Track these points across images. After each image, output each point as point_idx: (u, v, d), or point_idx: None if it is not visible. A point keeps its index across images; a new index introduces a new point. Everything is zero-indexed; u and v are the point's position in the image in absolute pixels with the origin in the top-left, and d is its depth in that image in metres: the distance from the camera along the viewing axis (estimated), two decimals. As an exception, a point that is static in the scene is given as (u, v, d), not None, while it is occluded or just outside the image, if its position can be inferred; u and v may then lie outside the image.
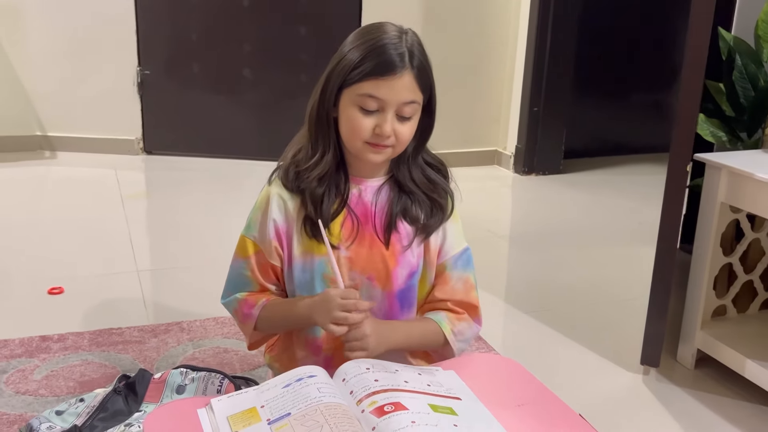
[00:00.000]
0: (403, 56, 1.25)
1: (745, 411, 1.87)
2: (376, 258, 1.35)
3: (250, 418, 1.14)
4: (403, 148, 1.32)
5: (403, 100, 1.26)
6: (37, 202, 3.36)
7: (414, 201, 1.36)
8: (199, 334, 2.13)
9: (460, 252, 1.43)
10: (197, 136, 4.03)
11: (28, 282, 2.46)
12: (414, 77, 1.27)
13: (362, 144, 1.29)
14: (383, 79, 1.24)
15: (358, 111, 1.27)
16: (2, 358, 1.97)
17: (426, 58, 1.31)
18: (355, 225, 1.34)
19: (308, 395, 1.14)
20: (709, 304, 2.05)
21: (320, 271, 1.35)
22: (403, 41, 1.27)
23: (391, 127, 1.27)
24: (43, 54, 3.89)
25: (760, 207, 1.81)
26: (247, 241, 1.38)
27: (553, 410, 1.26)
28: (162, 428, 1.17)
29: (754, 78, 2.26)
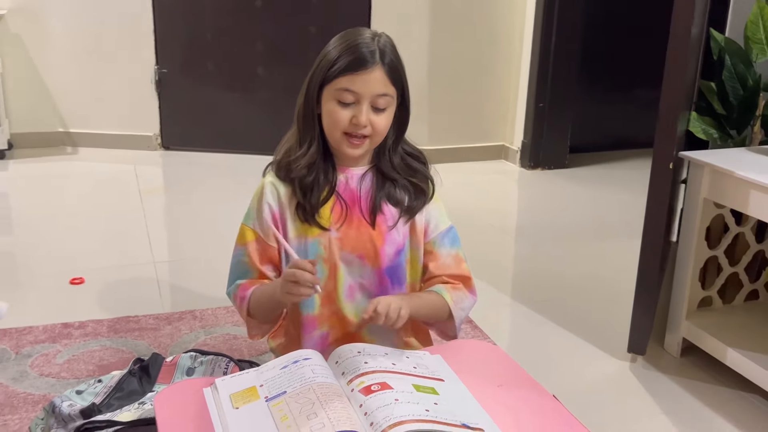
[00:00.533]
0: (374, 53, 1.39)
1: (725, 396, 1.96)
2: (364, 238, 1.47)
3: (250, 396, 1.26)
4: (380, 138, 1.45)
5: (376, 93, 1.40)
6: (59, 196, 3.50)
7: (397, 186, 1.49)
8: (211, 321, 2.26)
9: (446, 230, 1.53)
10: (213, 132, 4.16)
11: (50, 273, 2.60)
12: (385, 72, 1.40)
13: (341, 136, 1.42)
14: (357, 73, 1.38)
15: (336, 104, 1.40)
16: (27, 344, 2.11)
17: (397, 57, 1.44)
18: (343, 209, 1.47)
19: (303, 376, 1.26)
20: (695, 295, 2.14)
21: (313, 253, 1.47)
22: (375, 42, 1.41)
23: (367, 117, 1.40)
24: (64, 54, 4.03)
25: (740, 203, 1.90)
26: (245, 229, 1.50)
27: (528, 391, 1.37)
28: (171, 404, 1.29)
29: (743, 77, 2.34)
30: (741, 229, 2.16)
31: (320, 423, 1.14)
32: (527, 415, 1.28)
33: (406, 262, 1.52)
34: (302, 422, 1.14)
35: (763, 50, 2.31)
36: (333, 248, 1.47)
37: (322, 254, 1.47)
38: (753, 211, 1.86)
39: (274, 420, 1.17)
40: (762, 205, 1.83)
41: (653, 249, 2.01)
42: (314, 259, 1.44)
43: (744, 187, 1.87)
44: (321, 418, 1.15)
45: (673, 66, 1.87)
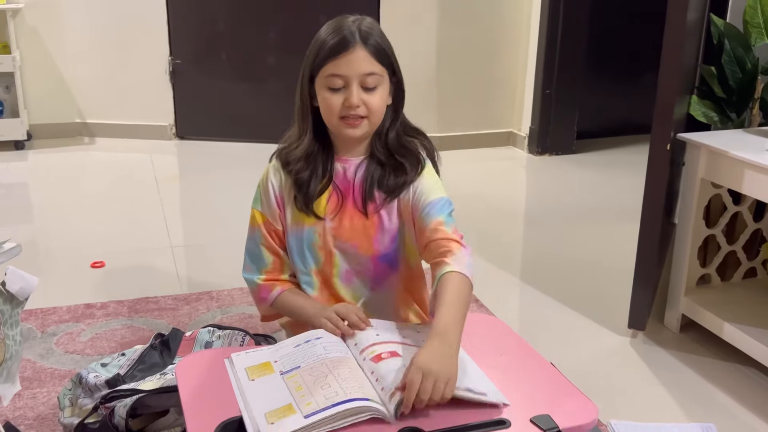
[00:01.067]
0: (353, 34, 1.42)
1: (722, 369, 2.03)
2: (357, 227, 1.53)
3: (265, 370, 1.35)
4: (377, 117, 1.48)
5: (363, 72, 1.43)
6: (79, 184, 3.60)
7: (385, 171, 1.51)
8: (227, 301, 2.35)
9: (434, 200, 1.48)
10: (226, 121, 4.25)
11: (72, 257, 2.70)
12: (368, 51, 1.43)
13: (338, 121, 1.47)
14: (339, 57, 1.42)
15: (327, 91, 1.45)
16: (52, 323, 2.21)
17: (381, 37, 1.46)
18: (339, 199, 1.53)
19: (315, 353, 1.35)
20: (694, 272, 2.21)
21: (309, 240, 1.54)
22: (354, 24, 1.44)
23: (358, 97, 1.43)
24: (80, 46, 4.13)
25: (735, 182, 1.96)
26: (255, 212, 1.58)
27: (528, 359, 1.45)
28: (192, 371, 1.38)
29: (741, 61, 2.39)
30: (739, 209, 2.22)
31: (333, 392, 1.22)
32: (525, 381, 1.36)
33: (402, 247, 1.57)
34: (316, 391, 1.22)
35: (761, 34, 2.36)
36: (327, 237, 1.54)
37: (317, 242, 1.55)
38: (747, 190, 1.93)
39: (289, 390, 1.26)
40: (756, 184, 1.89)
41: (652, 228, 2.08)
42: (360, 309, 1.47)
43: (739, 166, 1.93)
44: (334, 388, 1.23)
45: (669, 50, 1.93)
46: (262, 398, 1.24)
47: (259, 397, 1.25)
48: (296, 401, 1.21)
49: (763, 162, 1.84)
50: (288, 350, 1.38)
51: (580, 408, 1.27)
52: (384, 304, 1.60)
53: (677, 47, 1.93)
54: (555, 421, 1.22)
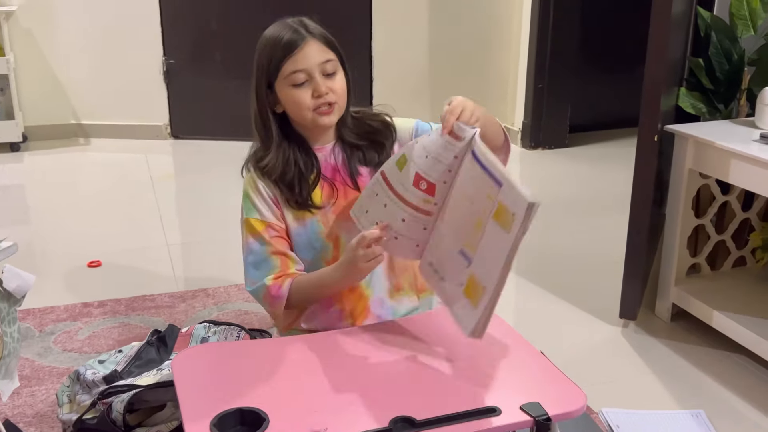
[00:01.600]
0: (298, 30, 1.47)
1: (712, 357, 2.06)
2: (353, 202, 1.53)
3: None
4: (343, 101, 1.52)
5: (320, 61, 1.47)
6: (75, 185, 3.62)
7: (362, 149, 1.57)
8: (223, 298, 2.38)
9: (415, 126, 1.60)
10: (220, 120, 4.26)
11: (69, 257, 2.73)
12: (318, 41, 1.48)
13: (311, 114, 1.49)
14: (294, 53, 1.46)
15: (293, 89, 1.48)
16: (50, 322, 2.23)
17: (319, 24, 1.51)
18: (330, 185, 1.55)
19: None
20: (683, 262, 2.23)
21: (314, 232, 1.55)
22: (291, 22, 1.49)
23: (324, 85, 1.47)
24: (75, 47, 4.14)
25: (721, 172, 1.99)
26: (252, 221, 1.54)
27: (518, 348, 1.47)
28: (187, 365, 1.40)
29: (728, 53, 2.42)
30: (727, 198, 2.25)
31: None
32: (515, 370, 1.38)
33: None
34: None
35: (747, 26, 2.39)
36: (331, 223, 1.55)
37: (322, 230, 1.55)
38: (734, 179, 1.95)
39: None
40: (743, 174, 1.92)
41: (641, 219, 2.11)
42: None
43: (725, 156, 1.96)
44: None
45: (655, 43, 1.96)
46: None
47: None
48: None
49: (750, 152, 1.87)
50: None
51: (569, 395, 1.30)
52: (379, 272, 1.58)
53: (663, 40, 1.95)
54: (544, 408, 1.24)
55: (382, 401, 1.27)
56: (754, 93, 2.30)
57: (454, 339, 1.48)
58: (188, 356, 1.46)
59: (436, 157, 1.35)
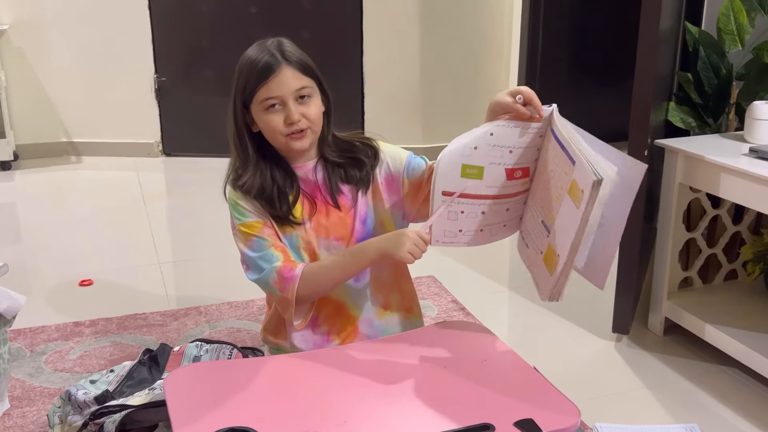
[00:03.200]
0: (275, 56, 1.48)
1: (705, 370, 2.06)
2: (335, 221, 1.57)
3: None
4: (317, 126, 1.54)
5: (294, 88, 1.48)
6: (66, 203, 3.62)
7: (345, 167, 1.58)
8: (215, 316, 2.37)
9: (409, 156, 1.62)
10: (212, 137, 4.25)
11: (60, 276, 2.71)
12: (293, 67, 1.49)
13: (284, 138, 1.51)
14: (269, 80, 1.47)
15: (267, 114, 1.50)
16: (41, 342, 2.22)
17: (301, 54, 1.53)
18: (310, 201, 1.57)
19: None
20: (675, 276, 2.24)
21: (294, 244, 1.56)
22: (270, 45, 1.50)
23: (297, 112, 1.49)
24: (66, 66, 4.15)
25: (712, 186, 2.00)
26: (246, 224, 1.54)
27: (511, 364, 1.47)
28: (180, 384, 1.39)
29: (716, 67, 2.44)
30: (718, 212, 2.26)
31: None
32: (508, 386, 1.38)
33: (375, 226, 1.60)
34: None
35: (734, 41, 2.41)
36: (310, 238, 1.56)
37: (300, 244, 1.56)
38: (724, 193, 1.96)
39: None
40: (733, 188, 1.93)
41: (632, 233, 2.11)
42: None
43: (715, 170, 1.97)
44: None
45: (643, 58, 1.97)
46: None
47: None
48: None
49: (740, 166, 1.88)
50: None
51: (563, 411, 1.30)
52: (365, 292, 1.60)
53: (651, 55, 1.97)
54: (538, 425, 1.24)
55: (375, 419, 1.26)
56: (743, 107, 2.32)
57: (448, 355, 1.48)
58: (180, 376, 1.45)
59: (522, 147, 1.42)
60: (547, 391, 1.37)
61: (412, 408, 1.29)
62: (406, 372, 1.41)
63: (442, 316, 2.35)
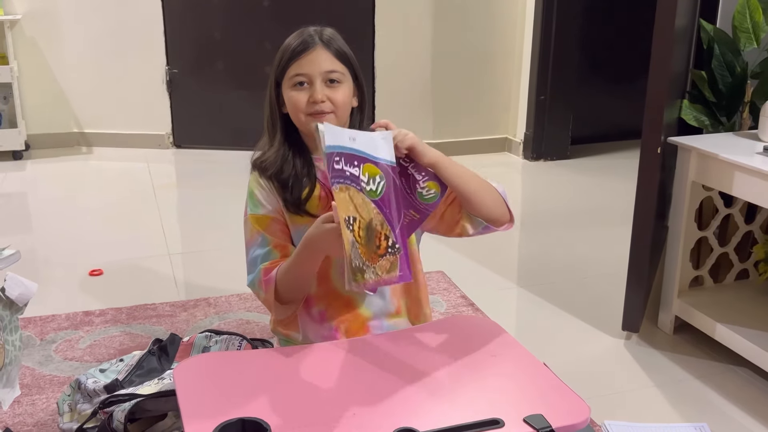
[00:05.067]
0: (312, 36, 1.50)
1: (715, 369, 2.05)
2: None
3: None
4: (342, 112, 1.51)
5: (324, 69, 1.49)
6: (77, 193, 3.62)
7: None
8: (224, 308, 2.37)
9: None
10: (223, 130, 4.27)
11: (71, 265, 2.72)
12: (328, 51, 1.49)
13: (305, 117, 1.50)
14: (301, 57, 1.49)
15: (292, 90, 1.50)
16: (51, 331, 2.23)
17: (341, 41, 1.53)
18: (328, 194, 1.54)
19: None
20: (686, 274, 2.23)
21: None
22: (311, 29, 1.52)
23: (322, 93, 1.48)
24: (78, 56, 4.16)
25: (725, 185, 1.99)
26: (256, 217, 1.55)
27: (521, 360, 1.47)
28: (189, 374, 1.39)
29: (731, 65, 2.42)
30: (730, 211, 2.25)
31: None
32: (518, 381, 1.38)
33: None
34: None
35: (750, 39, 2.39)
36: None
37: None
38: (737, 192, 1.95)
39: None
40: (746, 186, 1.92)
41: (644, 231, 2.10)
42: None
43: (729, 169, 1.96)
44: None
45: (658, 55, 1.96)
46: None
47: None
48: None
49: (753, 164, 1.87)
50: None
51: (573, 407, 1.29)
52: (376, 295, 1.59)
53: (666, 53, 1.95)
54: (548, 421, 1.24)
55: (385, 412, 1.26)
56: (758, 106, 2.30)
57: (457, 350, 1.47)
58: (190, 366, 1.45)
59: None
60: (557, 387, 1.36)
61: (421, 401, 1.29)
62: (415, 365, 1.41)
63: (451, 312, 2.35)
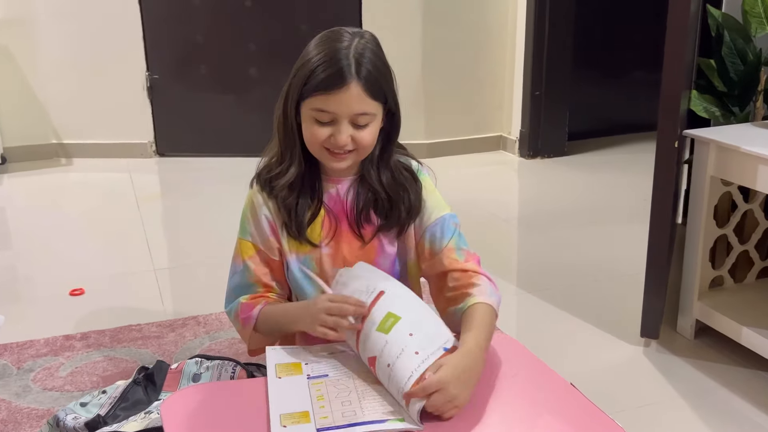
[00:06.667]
0: (349, 67, 1.26)
1: (742, 376, 1.93)
2: (355, 252, 1.39)
3: (294, 369, 1.27)
4: (367, 152, 1.34)
5: (354, 112, 1.28)
6: (56, 207, 3.46)
7: (379, 199, 1.38)
8: (215, 326, 2.22)
9: (436, 221, 1.40)
10: (208, 136, 4.12)
11: (50, 285, 2.57)
12: (362, 88, 1.27)
13: (321, 151, 1.32)
14: (330, 93, 1.26)
15: (313, 123, 1.30)
16: (29, 358, 2.07)
17: (379, 63, 1.31)
18: (332, 223, 1.39)
19: (347, 365, 1.27)
20: (706, 275, 2.10)
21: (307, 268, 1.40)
22: (351, 50, 1.28)
23: (347, 136, 1.29)
24: (54, 64, 3.99)
25: (747, 179, 1.87)
26: (243, 243, 1.41)
27: (546, 380, 1.33)
28: (178, 410, 1.25)
29: (742, 53, 2.30)
30: (749, 206, 2.13)
31: (352, 411, 1.15)
32: (547, 405, 1.24)
33: (403, 270, 1.45)
34: (336, 406, 1.16)
35: (762, 24, 2.27)
36: (324, 264, 1.40)
37: (314, 269, 1.40)
38: (761, 186, 1.83)
39: (311, 397, 1.19)
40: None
41: (662, 230, 1.97)
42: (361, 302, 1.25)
43: (751, 162, 1.83)
44: (354, 407, 1.16)
45: (673, 43, 1.83)
46: (282, 398, 1.19)
47: (280, 396, 1.20)
48: (314, 410, 1.16)
49: (778, 156, 1.75)
50: (321, 356, 1.30)
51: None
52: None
53: (680, 40, 1.83)
54: (582, 450, 1.11)
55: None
56: (774, 94, 2.19)
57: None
58: (178, 399, 1.31)
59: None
60: (588, 410, 1.23)
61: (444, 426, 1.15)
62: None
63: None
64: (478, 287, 1.35)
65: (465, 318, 1.31)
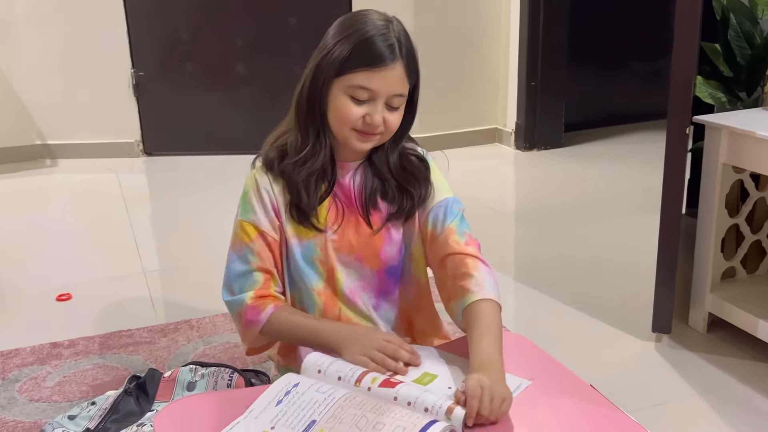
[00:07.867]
0: (393, 47, 1.25)
1: (759, 371, 1.86)
2: (362, 239, 1.35)
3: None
4: (390, 135, 1.32)
5: (394, 92, 1.27)
6: (41, 210, 3.37)
7: (388, 185, 1.35)
8: (209, 330, 2.14)
9: (439, 203, 1.39)
10: (196, 134, 4.03)
11: (36, 290, 2.47)
12: (404, 67, 1.27)
13: (350, 131, 1.28)
14: (376, 70, 1.24)
15: (348, 100, 1.26)
16: (14, 367, 1.98)
17: (413, 45, 1.31)
18: (339, 208, 1.34)
19: (316, 399, 1.13)
20: (718, 266, 2.03)
21: (310, 254, 1.34)
22: (391, 31, 1.27)
23: (381, 116, 1.26)
24: (37, 63, 3.89)
25: (762, 165, 1.80)
26: (245, 225, 1.34)
27: (563, 382, 1.26)
28: (173, 424, 1.17)
29: (749, 36, 2.23)
30: (761, 194, 2.06)
31: (397, 427, 1.05)
32: (568, 409, 1.17)
33: (408, 258, 1.40)
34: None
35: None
36: (329, 251, 1.35)
37: (318, 256, 1.35)
38: (778, 173, 1.76)
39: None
40: (787, 166, 1.73)
41: (673, 222, 1.90)
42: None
43: (766, 148, 1.76)
44: (389, 426, 1.05)
45: (682, 26, 1.76)
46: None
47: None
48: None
49: (795, 141, 1.67)
50: (275, 411, 1.13)
51: (634, 438, 1.09)
52: (387, 322, 1.42)
53: (691, 22, 1.77)
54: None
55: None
56: (784, 78, 2.11)
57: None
58: (173, 411, 1.23)
59: None
60: (613, 414, 1.16)
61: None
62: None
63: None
64: (474, 279, 1.30)
65: (470, 318, 1.27)
